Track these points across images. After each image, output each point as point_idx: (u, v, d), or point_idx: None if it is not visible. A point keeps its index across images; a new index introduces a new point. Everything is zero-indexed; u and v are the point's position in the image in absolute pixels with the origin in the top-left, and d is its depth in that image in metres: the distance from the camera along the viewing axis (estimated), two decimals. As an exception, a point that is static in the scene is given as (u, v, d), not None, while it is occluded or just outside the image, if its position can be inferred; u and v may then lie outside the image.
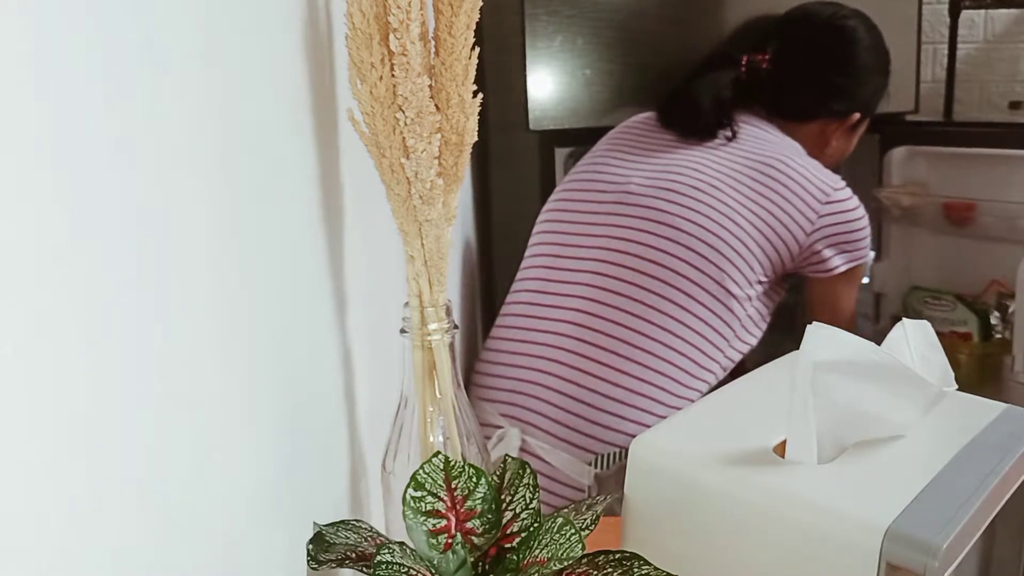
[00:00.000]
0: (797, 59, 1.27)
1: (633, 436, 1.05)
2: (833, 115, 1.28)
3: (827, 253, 1.15)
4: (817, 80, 1.27)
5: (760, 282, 1.12)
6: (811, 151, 1.23)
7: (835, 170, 1.21)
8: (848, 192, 1.16)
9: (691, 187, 1.12)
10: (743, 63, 1.26)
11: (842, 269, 1.17)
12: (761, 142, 1.18)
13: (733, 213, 1.10)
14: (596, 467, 1.06)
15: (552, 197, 1.23)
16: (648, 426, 1.05)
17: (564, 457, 1.07)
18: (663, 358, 1.07)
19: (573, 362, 1.08)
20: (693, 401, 1.08)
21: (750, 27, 1.37)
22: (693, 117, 1.20)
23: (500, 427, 1.11)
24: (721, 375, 1.13)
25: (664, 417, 1.05)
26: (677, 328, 1.07)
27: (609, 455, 1.05)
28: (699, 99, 1.21)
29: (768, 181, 1.13)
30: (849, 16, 1.27)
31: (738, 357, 1.14)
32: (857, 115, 1.29)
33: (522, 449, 1.09)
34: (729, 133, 1.18)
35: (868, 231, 1.19)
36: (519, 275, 1.20)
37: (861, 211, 1.17)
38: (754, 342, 1.15)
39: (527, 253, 1.21)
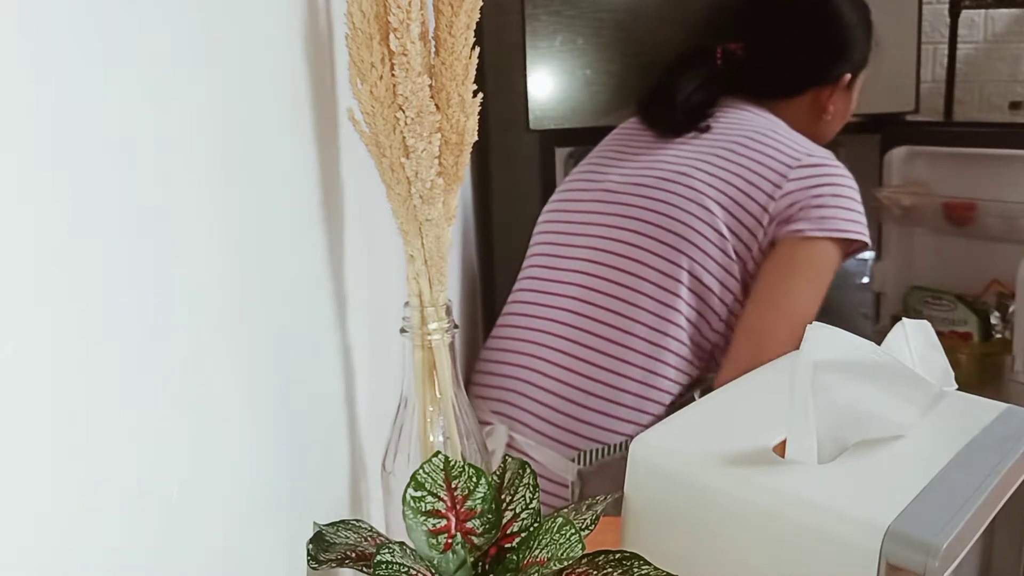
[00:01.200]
0: (776, 35, 1.23)
1: (615, 432, 1.06)
2: (824, 82, 1.23)
3: (797, 214, 1.06)
4: (800, 51, 1.22)
5: (737, 275, 1.09)
6: (810, 122, 1.20)
7: (835, 147, 1.18)
8: (831, 160, 1.09)
9: (659, 179, 1.11)
10: (718, 54, 1.23)
11: (810, 233, 1.05)
12: (739, 123, 1.15)
13: (700, 196, 1.08)
14: (579, 463, 1.06)
15: (550, 199, 1.24)
16: (630, 422, 1.06)
17: (549, 454, 1.08)
18: (643, 352, 1.07)
19: (561, 361, 1.10)
20: (673, 395, 1.08)
21: (719, 11, 1.31)
22: (668, 116, 1.18)
23: (490, 424, 1.11)
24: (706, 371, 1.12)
25: (645, 413, 1.07)
26: (654, 322, 1.07)
27: (592, 451, 1.06)
28: (673, 97, 1.18)
29: (735, 157, 1.10)
30: None
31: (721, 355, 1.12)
32: (848, 75, 1.23)
33: (509, 446, 1.10)
34: (704, 125, 1.15)
35: (854, 204, 1.08)
36: (519, 276, 1.21)
37: (845, 180, 1.09)
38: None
39: (527, 254, 1.22)
